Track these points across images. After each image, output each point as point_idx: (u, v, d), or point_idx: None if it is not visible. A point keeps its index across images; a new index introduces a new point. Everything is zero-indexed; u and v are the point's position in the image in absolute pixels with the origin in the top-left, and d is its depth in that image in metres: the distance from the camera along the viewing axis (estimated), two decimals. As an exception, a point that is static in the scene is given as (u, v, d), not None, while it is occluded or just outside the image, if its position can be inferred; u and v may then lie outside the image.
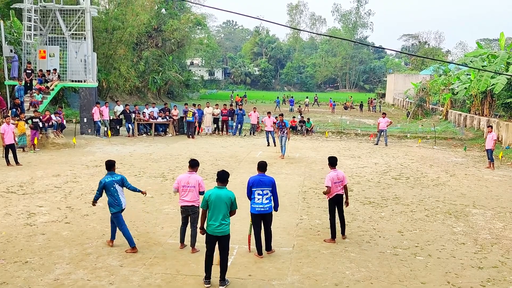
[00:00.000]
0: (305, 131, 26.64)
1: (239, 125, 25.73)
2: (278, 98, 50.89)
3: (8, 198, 11.52)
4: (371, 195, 12.84)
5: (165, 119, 24.76)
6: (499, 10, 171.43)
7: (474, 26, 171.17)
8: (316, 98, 56.92)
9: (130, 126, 23.90)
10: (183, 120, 24.80)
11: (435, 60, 49.01)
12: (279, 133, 18.74)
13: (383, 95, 68.99)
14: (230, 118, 25.94)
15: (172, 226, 9.69)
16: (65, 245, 8.50)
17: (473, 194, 13.42)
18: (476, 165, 18.24)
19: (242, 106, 29.13)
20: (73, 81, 23.91)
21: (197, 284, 7.07)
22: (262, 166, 8.36)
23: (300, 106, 43.98)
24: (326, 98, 60.56)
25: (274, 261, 8.04)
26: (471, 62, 28.39)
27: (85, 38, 23.55)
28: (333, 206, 9.18)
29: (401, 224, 10.35)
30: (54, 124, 20.13)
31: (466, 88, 30.33)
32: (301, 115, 29.25)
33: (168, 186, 13.08)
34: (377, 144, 23.04)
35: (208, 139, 23.63)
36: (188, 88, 60.91)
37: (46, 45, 24.45)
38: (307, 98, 50.78)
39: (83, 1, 23.58)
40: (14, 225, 9.53)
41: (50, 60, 23.96)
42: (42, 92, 22.29)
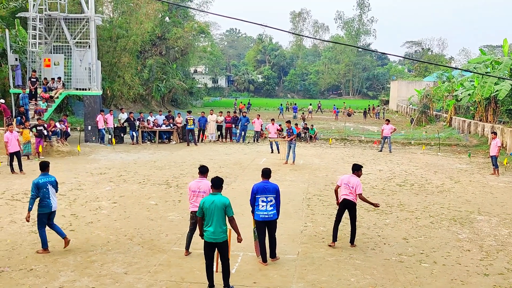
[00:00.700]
0: (308, 138, 26.67)
1: (243, 132, 25.80)
2: (282, 105, 50.99)
3: (13, 205, 11.55)
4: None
5: (169, 127, 24.85)
6: (502, 16, 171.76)
7: (477, 32, 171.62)
8: (319, 105, 57.05)
9: (134, 134, 23.99)
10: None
11: (439, 65, 48.85)
12: (288, 141, 18.79)
13: (387, 102, 68.98)
14: (233, 126, 26.03)
15: (176, 233, 9.68)
16: (69, 252, 8.51)
17: (478, 200, 13.36)
18: (480, 171, 18.17)
19: (246, 113, 29.18)
20: (77, 89, 24.04)
21: (201, 291, 7.06)
22: (266, 173, 8.34)
23: (303, 113, 44.03)
24: (330, 105, 60.63)
25: (278, 268, 8.01)
26: (475, 68, 28.36)
27: (89, 47, 23.70)
28: (340, 209, 9.17)
29: (406, 231, 10.31)
30: (58, 131, 20.23)
31: (470, 94, 30.34)
32: (304, 122, 29.29)
33: (172, 194, 13.08)
34: (381, 151, 23.01)
35: (212, 146, 23.67)
36: (191, 95, 61.24)
37: (51, 53, 24.63)
38: (311, 105, 50.95)
39: (88, 9, 23.78)
40: (19, 232, 9.55)
41: (55, 68, 24.10)
42: (47, 100, 22.43)
